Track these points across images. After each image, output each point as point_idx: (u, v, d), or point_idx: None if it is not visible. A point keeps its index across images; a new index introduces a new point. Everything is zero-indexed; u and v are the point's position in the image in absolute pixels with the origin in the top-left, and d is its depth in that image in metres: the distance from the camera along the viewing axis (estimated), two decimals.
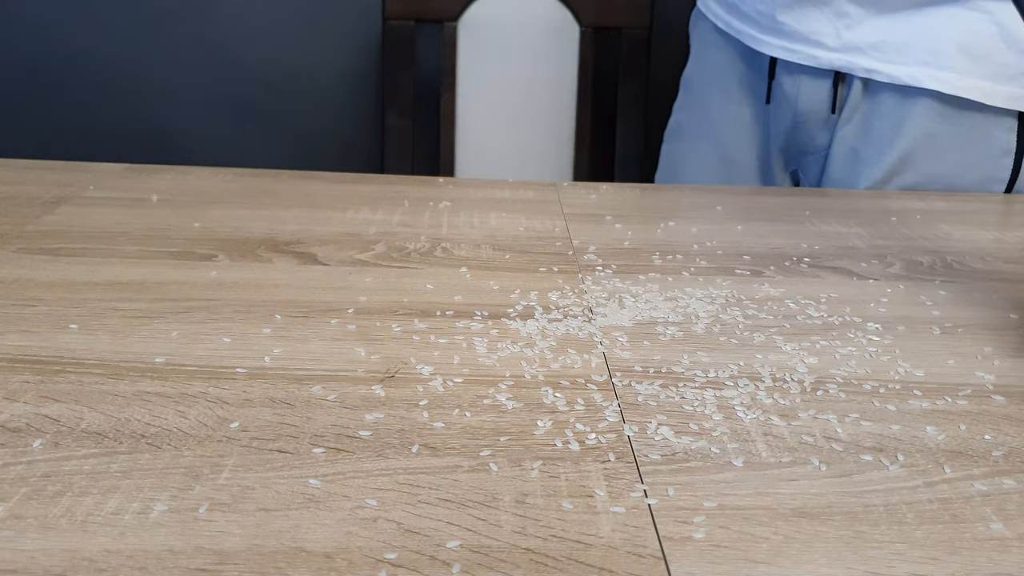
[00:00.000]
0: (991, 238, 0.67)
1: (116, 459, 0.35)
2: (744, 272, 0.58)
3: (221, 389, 0.40)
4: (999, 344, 0.49)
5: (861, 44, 0.80)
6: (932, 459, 0.37)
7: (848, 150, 0.85)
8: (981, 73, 0.78)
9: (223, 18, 1.31)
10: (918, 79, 0.79)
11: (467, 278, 0.55)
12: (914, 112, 0.81)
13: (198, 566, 0.29)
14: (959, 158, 0.82)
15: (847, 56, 0.81)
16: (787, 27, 0.83)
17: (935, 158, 0.82)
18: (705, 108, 0.95)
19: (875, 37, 0.80)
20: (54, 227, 0.60)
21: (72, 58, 1.31)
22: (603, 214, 0.68)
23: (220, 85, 1.34)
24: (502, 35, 1.16)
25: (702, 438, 0.38)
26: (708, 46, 0.94)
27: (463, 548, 0.31)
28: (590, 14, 1.15)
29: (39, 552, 0.30)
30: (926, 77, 0.79)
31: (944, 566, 0.31)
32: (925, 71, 0.79)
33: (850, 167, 0.85)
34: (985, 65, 0.78)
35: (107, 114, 1.34)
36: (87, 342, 0.44)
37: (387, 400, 0.40)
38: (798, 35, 0.83)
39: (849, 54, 0.81)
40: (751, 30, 0.87)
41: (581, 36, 1.15)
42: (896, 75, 0.80)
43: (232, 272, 0.54)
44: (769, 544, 0.32)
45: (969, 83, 0.79)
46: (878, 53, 0.80)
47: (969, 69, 0.78)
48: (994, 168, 0.82)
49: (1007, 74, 0.78)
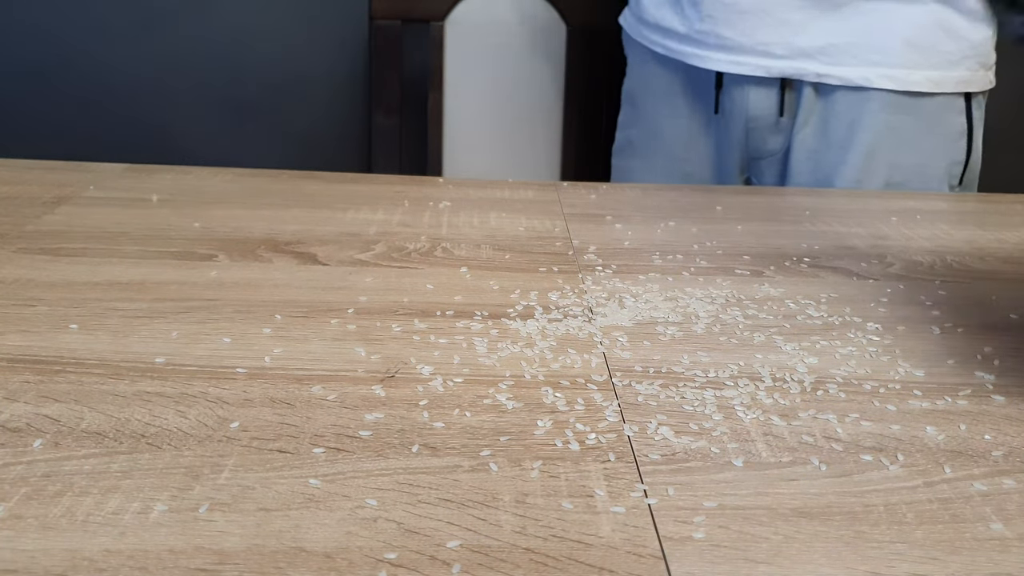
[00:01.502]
0: (991, 238, 0.67)
1: (116, 459, 0.35)
2: (744, 272, 0.58)
3: (221, 389, 0.40)
4: (999, 344, 0.49)
5: (809, 49, 0.81)
6: (932, 459, 0.37)
7: (809, 152, 0.86)
8: (928, 64, 0.80)
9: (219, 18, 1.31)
10: (869, 79, 0.81)
11: (467, 278, 0.55)
12: (870, 108, 0.82)
13: (198, 566, 0.29)
14: (921, 146, 0.84)
15: (796, 63, 0.82)
16: (732, 41, 0.83)
17: (898, 149, 0.83)
18: (653, 123, 0.94)
19: (822, 41, 0.81)
20: (54, 227, 0.60)
21: (72, 58, 1.31)
22: (603, 214, 0.68)
23: (219, 85, 1.34)
24: (489, 35, 1.17)
25: (702, 438, 0.38)
26: (646, 62, 0.93)
27: (463, 548, 0.31)
28: (577, 14, 1.15)
29: (39, 552, 0.30)
30: (877, 76, 0.80)
31: (944, 566, 0.31)
32: (875, 71, 0.80)
33: (814, 169, 0.86)
34: (930, 56, 0.80)
35: (107, 114, 1.33)
36: (87, 342, 0.44)
37: (387, 400, 0.40)
38: (744, 48, 0.83)
39: (798, 60, 0.82)
40: (693, 49, 0.86)
41: (568, 36, 1.15)
42: (847, 77, 0.81)
43: (232, 272, 0.54)
44: (769, 544, 0.32)
45: (919, 76, 0.81)
46: (826, 57, 0.81)
47: (917, 62, 0.80)
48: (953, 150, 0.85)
49: (951, 60, 0.81)
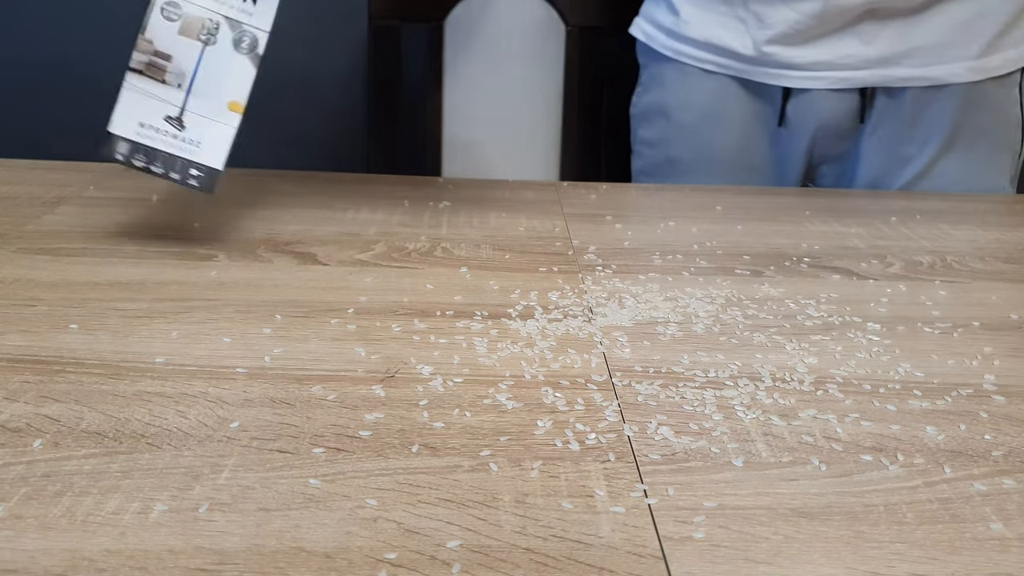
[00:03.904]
0: (991, 238, 0.67)
1: (116, 459, 0.35)
2: (744, 272, 0.58)
3: (221, 389, 0.40)
4: (999, 344, 0.49)
5: (890, 55, 0.80)
6: (932, 459, 0.37)
7: (878, 152, 0.85)
8: (1003, 45, 0.80)
9: None
10: (958, 75, 0.80)
11: (467, 278, 0.55)
12: (941, 103, 0.82)
13: (198, 566, 0.29)
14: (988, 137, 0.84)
15: (878, 71, 0.80)
16: (804, 58, 0.81)
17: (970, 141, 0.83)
18: (699, 140, 0.89)
19: (904, 46, 0.80)
20: (54, 227, 0.60)
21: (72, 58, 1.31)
22: (603, 214, 0.68)
23: None
24: (488, 35, 1.16)
25: (702, 438, 0.38)
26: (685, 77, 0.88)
27: (463, 548, 0.31)
28: (576, 14, 1.15)
29: (39, 552, 0.30)
30: (963, 70, 0.80)
31: (944, 566, 0.31)
32: (959, 66, 0.80)
33: (881, 168, 0.85)
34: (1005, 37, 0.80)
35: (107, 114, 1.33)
36: (87, 342, 0.44)
37: (387, 400, 0.40)
38: (820, 64, 0.81)
39: (879, 68, 0.80)
40: (760, 68, 0.83)
41: (567, 36, 1.15)
42: (937, 76, 0.80)
43: (232, 272, 0.54)
44: (769, 544, 0.32)
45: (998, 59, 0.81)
46: (910, 60, 0.80)
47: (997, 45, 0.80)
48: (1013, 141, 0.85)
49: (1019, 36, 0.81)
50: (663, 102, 0.91)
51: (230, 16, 0.54)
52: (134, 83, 0.54)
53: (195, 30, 0.54)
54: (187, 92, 0.54)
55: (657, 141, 0.92)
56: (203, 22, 0.54)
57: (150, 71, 0.53)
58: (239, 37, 0.53)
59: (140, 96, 0.54)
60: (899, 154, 0.84)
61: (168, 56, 0.54)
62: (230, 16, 0.54)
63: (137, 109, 0.54)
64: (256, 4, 0.54)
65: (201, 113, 0.54)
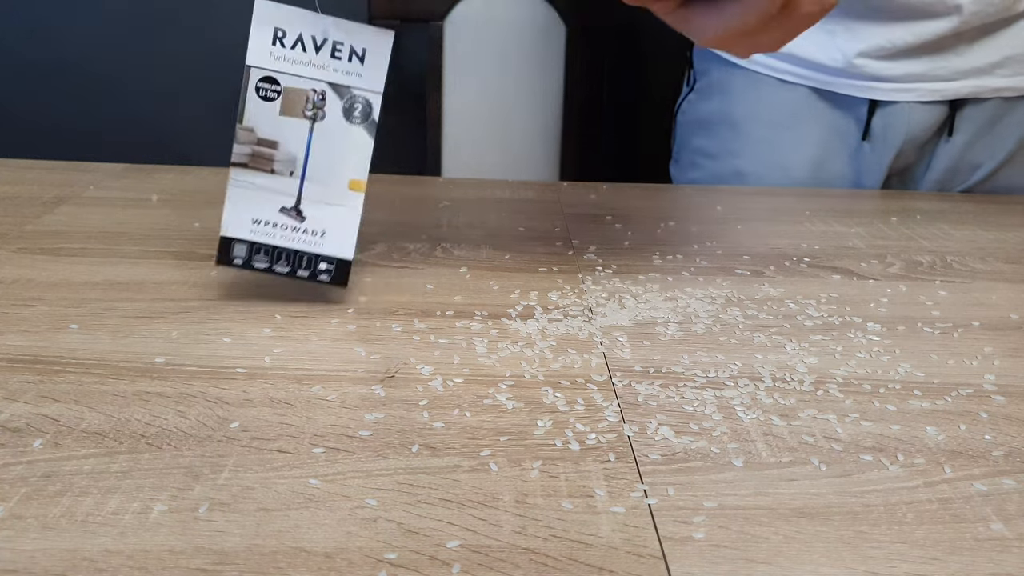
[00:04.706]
0: (991, 238, 0.67)
1: (116, 459, 0.35)
2: (744, 272, 0.58)
3: (221, 389, 0.40)
4: (999, 344, 0.49)
5: (983, 66, 0.78)
6: (932, 459, 0.37)
7: (954, 159, 0.84)
8: None
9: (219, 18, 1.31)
10: None
11: (467, 278, 0.55)
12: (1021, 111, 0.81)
13: (198, 566, 0.29)
14: None
15: (973, 81, 0.79)
16: (892, 72, 0.79)
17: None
18: (775, 154, 0.85)
19: (997, 56, 0.78)
20: (54, 227, 0.60)
21: (72, 58, 1.31)
22: (603, 214, 0.68)
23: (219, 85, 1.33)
24: (488, 34, 1.16)
25: (702, 438, 0.38)
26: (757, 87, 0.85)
27: (463, 548, 0.31)
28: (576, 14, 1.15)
29: (39, 552, 0.30)
30: None
31: (944, 566, 0.31)
32: None
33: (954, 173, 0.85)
34: None
35: (107, 114, 1.34)
36: (87, 342, 0.44)
37: (387, 400, 0.40)
38: (912, 76, 0.79)
39: (974, 79, 0.79)
40: (847, 80, 0.80)
41: (568, 36, 1.15)
42: None
43: (232, 272, 0.54)
44: (769, 544, 0.32)
45: None
46: (1003, 70, 0.79)
47: None
48: None
49: None
50: (729, 111, 0.87)
51: (336, 82, 0.47)
52: (239, 178, 0.47)
53: (299, 106, 0.47)
54: (301, 179, 0.47)
55: (721, 152, 0.88)
56: (306, 94, 0.47)
57: (255, 163, 0.47)
58: (350, 105, 0.47)
59: (249, 191, 0.48)
60: (971, 161, 0.84)
61: (273, 143, 0.47)
62: (336, 82, 0.47)
63: (247, 206, 0.48)
64: (364, 63, 0.46)
65: (320, 199, 0.48)
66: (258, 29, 0.46)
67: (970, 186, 0.85)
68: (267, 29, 0.46)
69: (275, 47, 0.46)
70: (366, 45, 0.46)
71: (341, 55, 0.46)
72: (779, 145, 0.85)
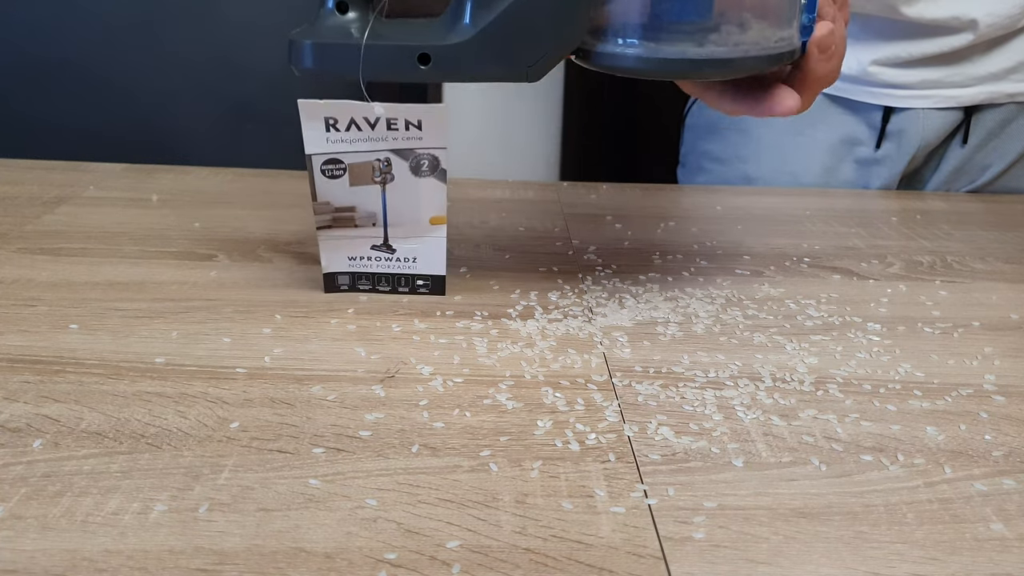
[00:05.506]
0: (991, 238, 0.67)
1: (116, 459, 0.35)
2: (744, 272, 0.58)
3: (221, 389, 0.40)
4: (999, 344, 0.49)
5: (998, 71, 0.78)
6: (932, 459, 0.37)
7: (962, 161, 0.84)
8: None
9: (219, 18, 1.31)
10: None
11: (467, 278, 0.55)
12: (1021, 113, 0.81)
13: (198, 566, 0.29)
14: None
15: (988, 87, 0.79)
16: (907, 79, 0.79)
17: None
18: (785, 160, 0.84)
19: (1012, 61, 0.78)
20: (54, 227, 0.60)
21: (72, 58, 1.31)
22: (603, 214, 0.68)
23: (220, 85, 1.34)
24: None
25: (702, 438, 0.38)
26: None
27: (463, 548, 0.31)
28: None
29: (39, 552, 0.30)
30: None
31: (944, 566, 0.31)
32: None
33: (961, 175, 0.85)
34: None
35: (107, 114, 1.34)
36: (87, 342, 0.44)
37: (387, 400, 0.40)
38: (927, 83, 0.79)
39: (989, 84, 0.79)
40: (863, 87, 0.80)
41: None
42: None
43: (232, 272, 0.54)
44: (769, 544, 0.32)
45: None
46: (1017, 75, 0.79)
47: None
48: None
49: None
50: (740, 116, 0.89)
51: (398, 148, 0.47)
52: (327, 236, 0.49)
53: (367, 175, 0.47)
54: (383, 226, 0.49)
55: (730, 157, 0.88)
56: (371, 165, 0.47)
57: (338, 223, 0.49)
58: (416, 164, 0.47)
59: (339, 242, 0.50)
60: (980, 163, 0.84)
61: (350, 208, 0.49)
62: (398, 148, 0.47)
63: (341, 251, 0.50)
64: (423, 128, 0.46)
65: (406, 236, 0.50)
66: (308, 124, 0.46)
67: (976, 187, 0.85)
68: (317, 123, 0.46)
69: (330, 133, 0.46)
70: (421, 117, 0.46)
71: (397, 126, 0.46)
72: (789, 151, 0.84)
